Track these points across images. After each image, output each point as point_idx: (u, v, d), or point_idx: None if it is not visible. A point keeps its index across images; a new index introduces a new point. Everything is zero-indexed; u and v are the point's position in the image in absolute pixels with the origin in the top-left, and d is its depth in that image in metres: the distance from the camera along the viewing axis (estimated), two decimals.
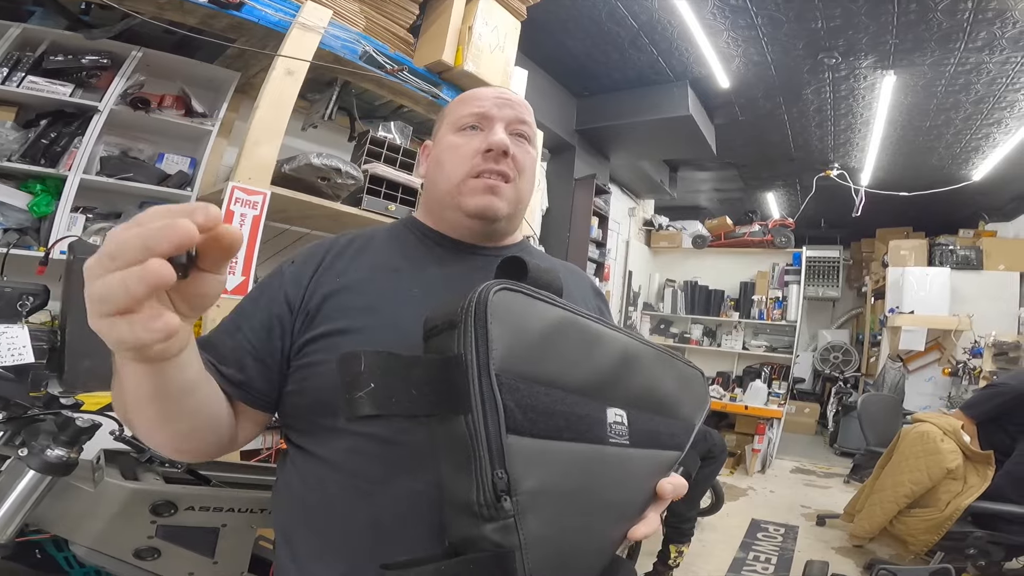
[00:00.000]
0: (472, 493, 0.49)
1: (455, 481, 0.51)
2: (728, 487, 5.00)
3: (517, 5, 2.86)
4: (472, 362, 0.50)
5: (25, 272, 2.01)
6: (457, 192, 0.89)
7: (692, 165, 7.55)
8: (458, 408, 0.50)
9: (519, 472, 0.50)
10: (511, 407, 0.51)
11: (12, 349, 1.64)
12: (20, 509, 1.08)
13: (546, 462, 0.53)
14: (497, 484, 0.48)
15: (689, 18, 4.01)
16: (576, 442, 0.57)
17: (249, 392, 0.81)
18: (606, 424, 0.61)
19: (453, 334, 0.52)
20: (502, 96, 0.95)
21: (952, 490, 2.98)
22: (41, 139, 2.19)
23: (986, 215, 7.44)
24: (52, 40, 2.23)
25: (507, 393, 0.51)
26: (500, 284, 0.54)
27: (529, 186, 0.95)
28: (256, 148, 2.08)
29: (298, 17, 2.17)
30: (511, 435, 0.50)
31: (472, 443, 0.49)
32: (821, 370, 8.51)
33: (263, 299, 0.86)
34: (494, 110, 0.92)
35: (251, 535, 1.38)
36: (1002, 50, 4.03)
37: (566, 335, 0.59)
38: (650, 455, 0.68)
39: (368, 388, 0.48)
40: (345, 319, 0.80)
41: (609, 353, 0.64)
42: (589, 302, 1.03)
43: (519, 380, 0.53)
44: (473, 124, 0.92)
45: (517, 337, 0.54)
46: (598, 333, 0.64)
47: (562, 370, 0.58)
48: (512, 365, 0.52)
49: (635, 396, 0.67)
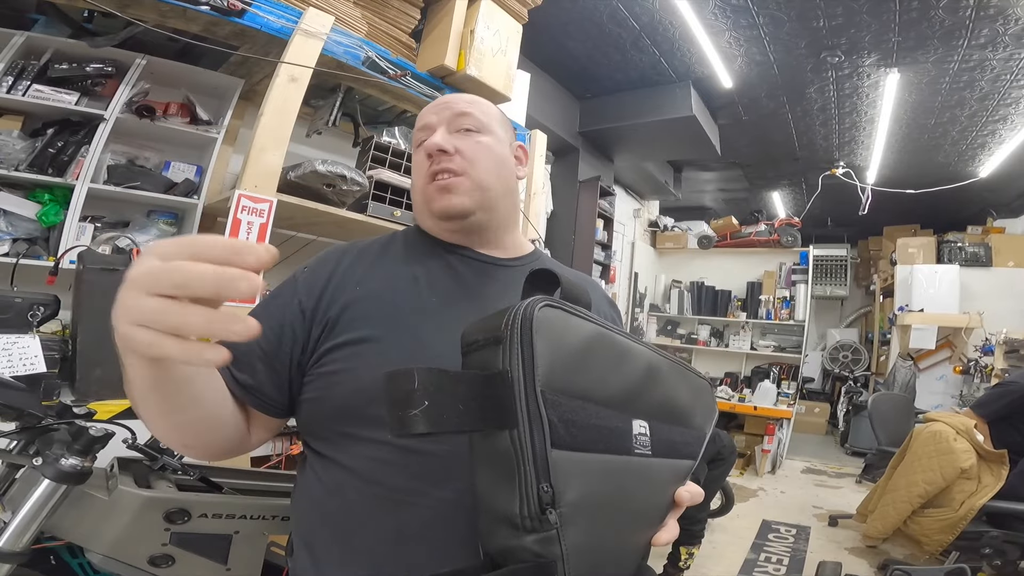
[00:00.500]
0: (515, 505, 0.50)
1: (495, 493, 0.52)
2: (738, 488, 4.98)
3: (518, 8, 2.86)
4: (519, 379, 0.51)
5: (35, 282, 2.02)
6: (424, 202, 0.95)
7: (696, 165, 7.54)
8: (504, 423, 0.51)
9: (562, 485, 0.51)
10: (555, 422, 0.52)
11: (24, 359, 1.65)
12: (36, 518, 1.09)
13: (584, 474, 0.55)
14: (543, 498, 0.50)
15: (690, 18, 4.01)
16: (608, 454, 0.59)
17: (259, 397, 0.82)
18: (632, 435, 0.63)
19: (497, 350, 0.53)
20: (441, 103, 0.99)
21: (966, 490, 2.96)
22: (48, 148, 2.20)
23: (994, 212, 7.41)
24: (56, 48, 2.24)
25: (551, 409, 0.52)
26: (543, 301, 0.56)
27: (489, 170, 0.95)
28: (261, 155, 2.08)
29: (300, 23, 2.18)
30: (555, 449, 0.51)
31: (518, 458, 0.50)
32: (831, 369, 8.47)
33: (274, 306, 0.86)
34: (432, 118, 0.97)
35: (263, 542, 1.38)
36: (1005, 47, 4.02)
37: (599, 350, 0.61)
38: (669, 464, 0.70)
39: (422, 406, 0.48)
40: (366, 328, 0.81)
41: (636, 367, 0.66)
42: (604, 311, 1.04)
43: (560, 395, 0.54)
44: (423, 139, 0.96)
45: (558, 353, 0.55)
46: (627, 347, 0.66)
47: (595, 384, 0.59)
48: (554, 381, 0.53)
49: (656, 408, 0.69)
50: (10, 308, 1.66)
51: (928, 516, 3.08)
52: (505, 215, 1.00)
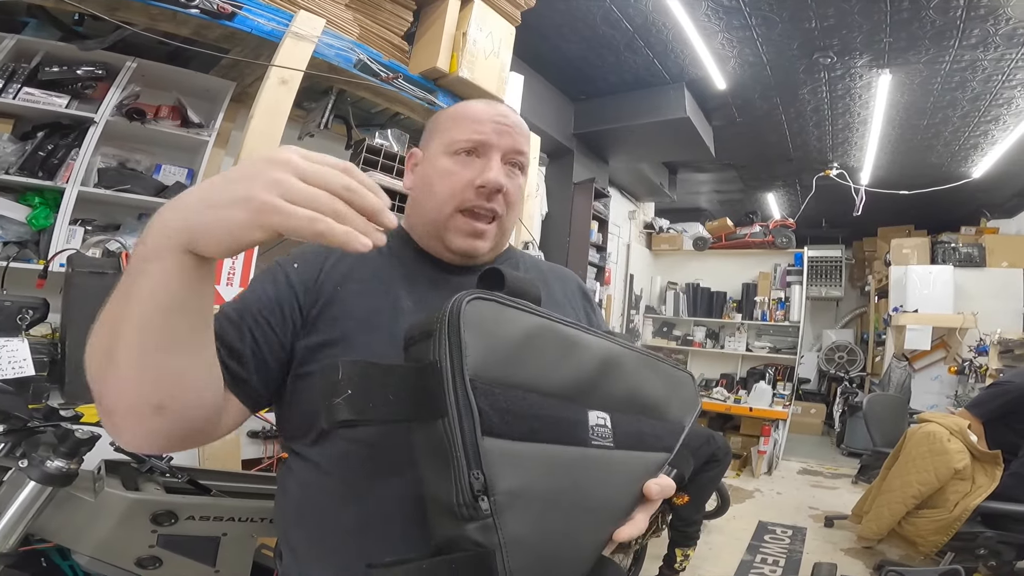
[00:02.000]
0: (452, 494, 0.51)
1: (436, 483, 0.53)
2: (734, 489, 4.98)
3: (511, 10, 2.86)
4: (447, 368, 0.52)
5: (25, 285, 2.02)
6: (444, 226, 0.89)
7: (691, 167, 7.56)
8: (435, 413, 0.52)
9: (496, 473, 0.52)
10: (486, 410, 0.53)
11: (13, 362, 1.64)
12: (21, 519, 1.08)
13: (523, 463, 0.55)
14: (474, 484, 0.50)
15: (683, 20, 4.02)
16: (555, 444, 0.59)
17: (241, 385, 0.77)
18: (588, 426, 0.63)
19: (429, 343, 0.55)
20: (502, 121, 0.90)
21: (960, 490, 2.96)
22: (38, 151, 2.20)
23: (988, 212, 7.43)
24: (47, 51, 2.24)
25: (482, 397, 0.53)
26: (473, 294, 0.57)
27: (515, 216, 0.94)
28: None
29: (291, 26, 2.17)
30: (487, 437, 0.52)
31: (449, 446, 0.51)
32: (826, 370, 8.49)
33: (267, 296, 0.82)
34: (493, 138, 0.88)
35: (252, 544, 1.38)
36: (996, 47, 4.04)
37: (542, 341, 0.61)
38: (636, 456, 0.69)
39: (345, 395, 0.50)
40: (340, 329, 0.81)
41: (587, 358, 0.66)
42: (575, 303, 1.03)
43: (494, 385, 0.54)
44: (468, 149, 0.88)
45: (491, 344, 0.56)
46: (575, 338, 0.65)
47: (538, 375, 0.60)
48: (487, 371, 0.54)
49: (619, 399, 0.68)
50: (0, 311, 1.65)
51: (923, 517, 3.09)
52: (503, 246, 0.99)
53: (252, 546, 1.38)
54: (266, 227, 0.51)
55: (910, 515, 3.14)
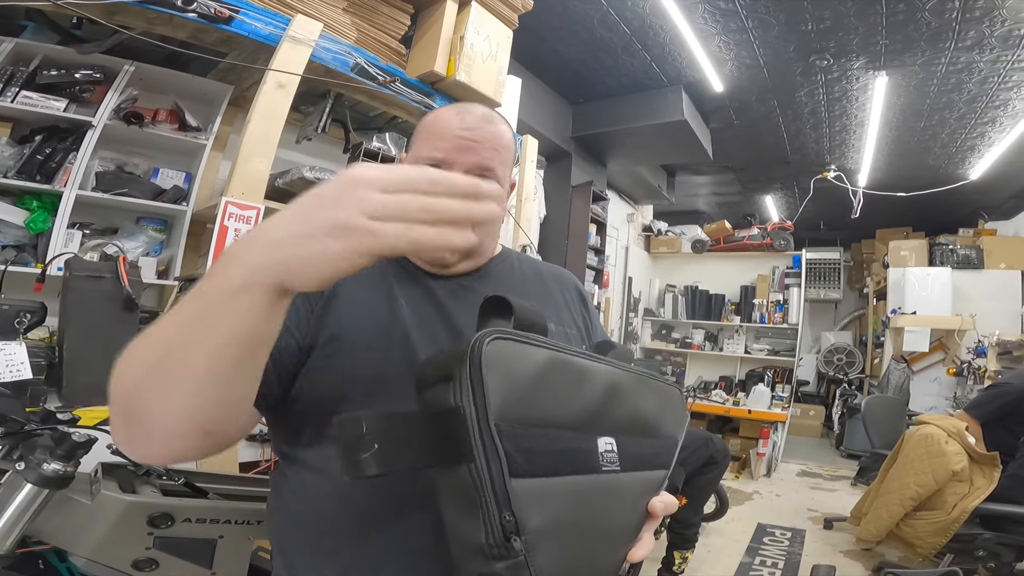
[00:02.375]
0: (481, 535, 0.51)
1: (461, 524, 0.54)
2: (733, 491, 4.98)
3: (508, 14, 2.87)
4: (471, 414, 0.52)
5: (23, 289, 2.02)
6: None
7: (689, 170, 7.57)
8: (460, 458, 0.52)
9: (524, 512, 0.52)
10: (511, 452, 0.53)
11: (10, 366, 1.64)
12: (18, 521, 1.08)
13: (548, 499, 0.56)
14: (506, 527, 0.51)
15: (680, 23, 4.03)
16: (573, 475, 0.60)
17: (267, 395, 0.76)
18: (598, 453, 0.64)
19: (448, 387, 0.54)
20: (465, 136, 0.88)
21: (958, 492, 2.96)
22: (36, 155, 2.20)
23: (985, 214, 7.45)
24: (45, 55, 2.24)
25: (507, 440, 0.53)
26: (492, 333, 0.56)
27: (490, 227, 0.94)
28: (249, 162, 2.09)
29: (288, 30, 2.18)
30: (514, 479, 0.52)
31: (478, 490, 0.52)
32: (825, 372, 8.49)
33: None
34: (453, 155, 0.87)
35: (249, 546, 1.38)
36: (992, 49, 4.05)
37: (555, 375, 0.61)
38: (640, 477, 0.70)
39: (372, 450, 0.50)
40: (335, 335, 0.81)
41: (596, 386, 0.66)
42: (573, 306, 1.04)
43: (516, 425, 0.55)
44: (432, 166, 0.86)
45: (511, 384, 0.56)
46: (584, 368, 0.66)
47: (554, 408, 0.60)
48: (508, 412, 0.54)
49: (622, 423, 0.69)
50: None
51: (921, 519, 3.08)
52: (484, 252, 0.97)
53: (249, 548, 1.38)
54: (363, 253, 0.49)
55: (908, 517, 3.14)
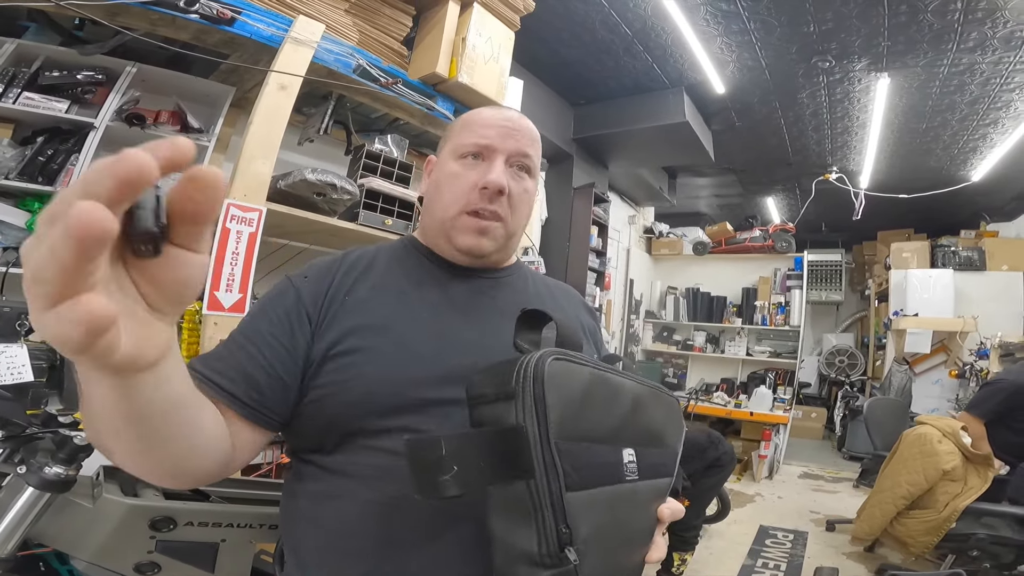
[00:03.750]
0: (534, 545, 0.55)
1: (512, 532, 0.57)
2: (735, 493, 4.96)
3: (510, 15, 2.87)
4: (535, 434, 0.56)
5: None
6: (451, 226, 0.91)
7: (691, 171, 7.56)
8: (520, 474, 0.56)
9: (576, 523, 0.56)
10: (568, 469, 0.57)
11: (11, 368, 1.64)
12: (19, 525, 1.08)
13: (592, 509, 0.60)
14: (563, 538, 0.55)
15: (682, 24, 4.03)
16: (607, 485, 0.64)
17: (262, 413, 0.78)
18: (623, 464, 0.68)
19: (510, 405, 0.57)
20: (507, 124, 0.93)
21: (951, 491, 2.98)
22: (38, 156, 2.20)
23: (987, 215, 7.44)
24: (47, 56, 2.23)
25: (564, 457, 0.57)
26: (552, 354, 0.60)
27: (523, 218, 0.96)
28: (251, 164, 2.08)
29: (290, 32, 2.18)
30: (568, 492, 0.56)
31: (535, 503, 0.55)
32: (827, 374, 8.47)
33: (276, 314, 0.82)
34: (497, 141, 0.91)
35: (251, 550, 1.37)
36: (994, 50, 4.04)
37: (595, 392, 0.65)
38: (653, 484, 0.74)
39: (452, 472, 0.52)
40: (356, 338, 0.81)
41: (624, 401, 0.71)
42: (583, 320, 1.06)
43: (570, 442, 0.58)
44: (474, 153, 0.91)
45: (565, 402, 0.59)
46: (617, 384, 0.70)
47: (594, 424, 0.64)
48: (564, 430, 0.58)
49: (641, 435, 0.73)
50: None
51: (913, 518, 3.11)
52: (512, 250, 1.00)
53: (251, 552, 1.37)
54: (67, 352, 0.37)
55: (901, 516, 3.17)
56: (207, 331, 1.95)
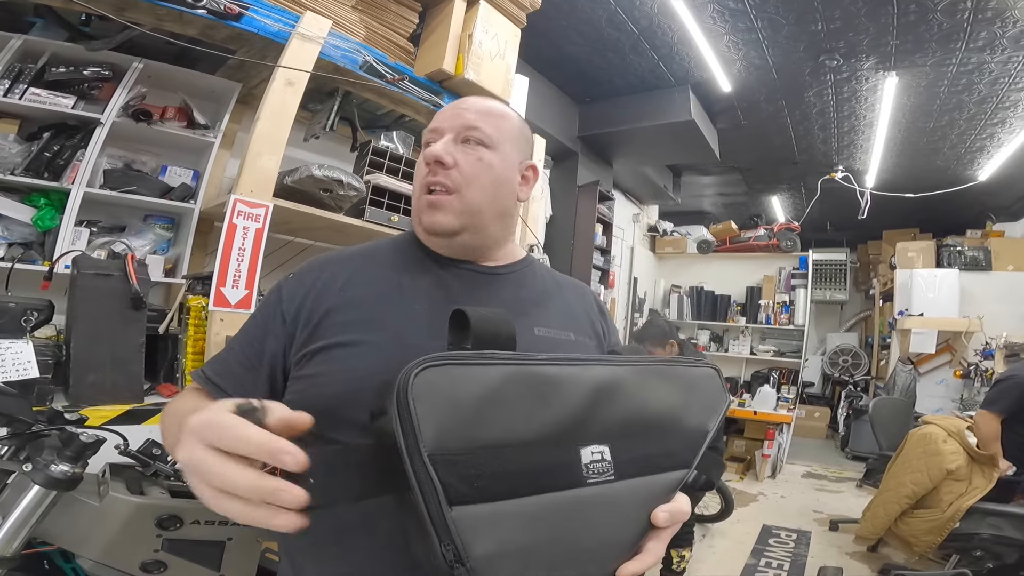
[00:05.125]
0: (430, 559, 0.52)
1: (418, 543, 0.55)
2: (738, 493, 4.97)
3: (516, 12, 2.86)
4: (403, 447, 0.52)
5: (30, 287, 2.01)
6: (417, 210, 0.93)
7: (695, 170, 7.53)
8: (403, 486, 0.53)
9: (469, 539, 0.52)
10: (451, 481, 0.52)
11: (17, 364, 1.63)
12: (25, 524, 1.07)
13: (500, 523, 0.54)
14: (446, 555, 0.51)
15: (689, 22, 4.01)
16: (540, 494, 0.57)
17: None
18: (581, 465, 0.60)
19: (388, 419, 0.54)
20: (459, 106, 0.95)
21: (955, 491, 2.98)
22: (44, 152, 2.20)
23: (993, 215, 7.41)
24: (53, 52, 2.23)
25: (443, 469, 0.52)
26: (423, 363, 0.55)
27: (486, 194, 0.91)
28: (257, 160, 2.07)
29: (297, 27, 2.17)
30: (455, 507, 0.52)
31: (419, 518, 0.52)
32: (831, 374, 8.46)
33: (260, 317, 0.90)
34: (444, 123, 0.93)
35: (257, 548, 1.37)
36: (1003, 50, 4.02)
37: (511, 391, 0.58)
38: (643, 483, 0.65)
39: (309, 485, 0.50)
40: (347, 333, 0.81)
41: (573, 393, 0.62)
42: (592, 316, 1.03)
43: (458, 453, 0.53)
44: (429, 140, 0.94)
45: (448, 411, 0.54)
46: (554, 376, 0.62)
47: (511, 427, 0.57)
48: (446, 441, 0.53)
49: (619, 425, 0.65)
50: (4, 313, 1.65)
51: (916, 517, 3.11)
52: (495, 235, 0.96)
53: (257, 550, 1.37)
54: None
55: (905, 515, 3.17)
56: (213, 327, 1.94)
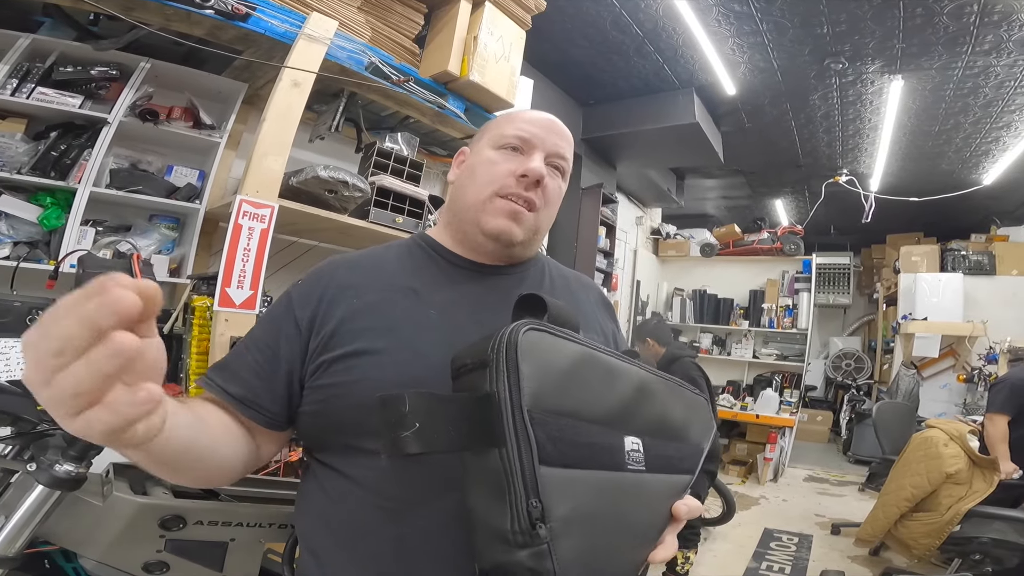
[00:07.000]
0: (507, 522, 0.52)
1: (488, 509, 0.55)
2: (740, 496, 4.96)
3: (521, 14, 2.86)
4: (506, 399, 0.54)
5: (35, 286, 2.01)
6: (481, 207, 0.90)
7: (699, 173, 7.53)
8: (492, 442, 0.54)
9: (551, 500, 0.53)
10: (542, 440, 0.54)
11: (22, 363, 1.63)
12: (28, 524, 1.07)
13: (575, 490, 0.57)
14: (532, 513, 0.52)
15: (694, 25, 4.01)
16: (599, 470, 0.61)
17: (258, 410, 0.83)
18: (624, 452, 0.64)
19: (485, 373, 0.56)
20: (549, 125, 0.95)
21: (954, 495, 2.98)
22: (51, 151, 2.20)
23: (998, 219, 7.38)
24: (61, 51, 2.24)
25: (538, 427, 0.54)
26: (528, 324, 0.58)
27: (550, 217, 0.96)
28: (263, 161, 2.08)
29: (304, 28, 2.18)
30: (543, 466, 0.53)
31: (507, 475, 0.53)
32: (833, 378, 8.44)
33: (270, 320, 0.89)
34: (538, 137, 0.92)
35: (260, 549, 1.36)
36: (1009, 53, 4.01)
37: (587, 370, 0.63)
38: (665, 479, 0.71)
39: (414, 428, 0.51)
40: (364, 340, 0.81)
41: (625, 385, 0.67)
42: (600, 313, 1.05)
43: (548, 414, 0.56)
44: (515, 145, 0.92)
45: (545, 374, 0.57)
46: (615, 367, 0.67)
47: (585, 403, 0.61)
48: (541, 401, 0.56)
49: (650, 424, 0.70)
50: (9, 312, 1.64)
51: (915, 520, 3.12)
52: (534, 249, 1.00)
53: (260, 551, 1.37)
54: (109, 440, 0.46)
55: (904, 518, 3.18)
56: (218, 327, 1.95)
